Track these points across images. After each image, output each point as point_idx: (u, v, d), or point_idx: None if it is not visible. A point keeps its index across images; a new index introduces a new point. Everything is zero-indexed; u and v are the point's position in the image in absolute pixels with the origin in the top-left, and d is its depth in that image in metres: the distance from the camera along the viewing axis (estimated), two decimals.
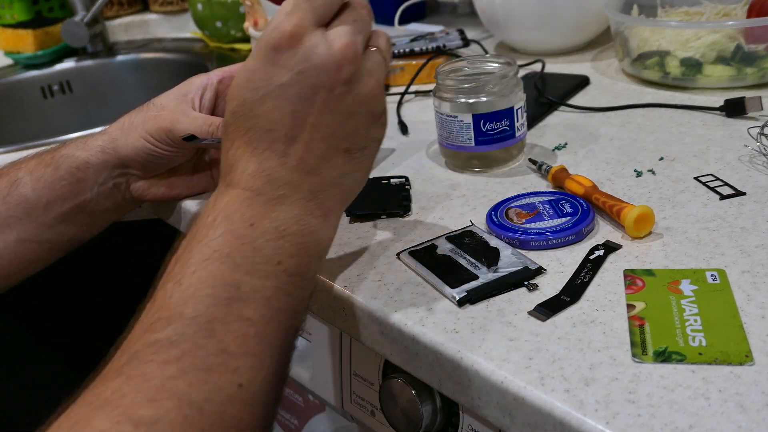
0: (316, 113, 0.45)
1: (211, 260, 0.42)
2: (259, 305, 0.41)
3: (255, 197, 0.44)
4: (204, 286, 0.41)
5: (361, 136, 0.47)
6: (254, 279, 0.42)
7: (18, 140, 0.99)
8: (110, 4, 1.46)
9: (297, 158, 0.45)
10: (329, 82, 0.45)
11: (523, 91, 0.67)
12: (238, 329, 0.40)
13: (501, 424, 0.44)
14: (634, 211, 0.53)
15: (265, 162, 0.45)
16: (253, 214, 0.44)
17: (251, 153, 0.45)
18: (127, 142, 0.62)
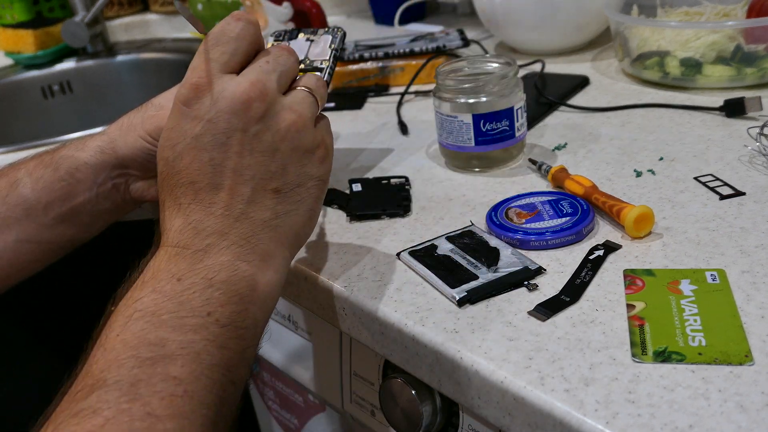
0: (234, 157, 0.44)
1: (133, 320, 0.40)
2: (187, 361, 0.39)
3: (181, 251, 0.43)
4: (126, 348, 0.39)
5: (291, 174, 0.46)
6: (180, 335, 0.39)
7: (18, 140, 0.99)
8: (110, 5, 1.46)
9: (223, 206, 0.44)
10: (241, 123, 0.44)
11: (523, 91, 0.67)
12: (164, 389, 0.37)
13: (501, 424, 0.44)
14: (634, 211, 0.53)
15: (191, 215, 0.44)
16: (180, 268, 0.42)
17: (177, 209, 0.45)
18: (125, 143, 0.62)
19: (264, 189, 0.45)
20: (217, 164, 0.44)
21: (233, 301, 0.42)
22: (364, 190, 0.66)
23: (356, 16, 1.38)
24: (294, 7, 1.00)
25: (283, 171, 0.46)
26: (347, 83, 0.95)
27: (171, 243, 0.44)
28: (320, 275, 0.55)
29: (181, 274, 0.42)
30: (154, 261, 0.43)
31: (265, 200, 0.45)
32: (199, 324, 0.40)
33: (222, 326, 0.41)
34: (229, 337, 0.41)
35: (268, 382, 0.86)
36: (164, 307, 0.40)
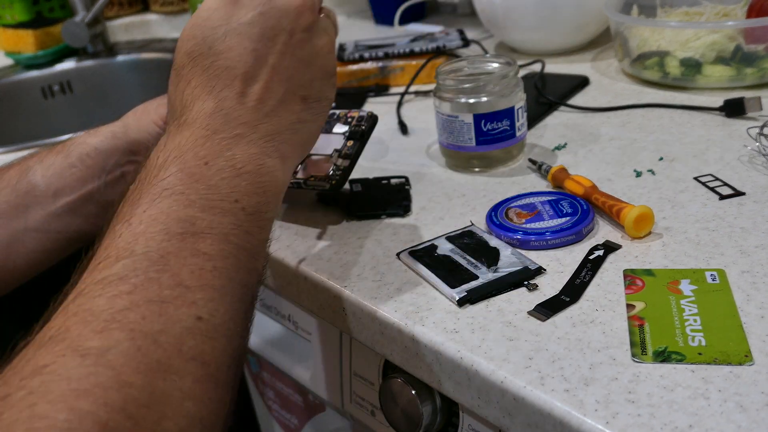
0: (276, 54, 0.45)
1: (162, 198, 0.40)
2: (216, 240, 0.39)
3: (211, 136, 0.43)
4: (155, 222, 0.38)
5: (316, 88, 0.48)
6: (210, 215, 0.40)
7: (18, 140, 0.99)
8: (110, 5, 1.46)
9: (256, 98, 0.45)
10: (290, 26, 0.46)
11: (523, 91, 0.67)
12: (194, 263, 0.38)
13: (501, 424, 0.44)
14: (634, 211, 0.53)
15: (223, 101, 0.44)
16: (208, 152, 0.42)
17: (209, 92, 0.45)
18: (138, 126, 0.63)
19: (294, 93, 0.47)
20: (259, 56, 0.45)
21: (258, 192, 0.43)
22: (364, 190, 0.66)
23: (356, 16, 1.38)
24: None
25: (311, 83, 0.48)
26: (347, 83, 0.95)
27: (200, 125, 0.44)
28: (320, 275, 0.55)
29: (209, 158, 0.42)
30: (179, 139, 0.43)
31: (294, 104, 0.47)
32: (227, 208, 0.41)
33: (248, 214, 0.42)
34: (253, 225, 0.42)
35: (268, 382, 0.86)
36: (192, 188, 0.41)
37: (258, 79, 0.45)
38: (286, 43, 0.46)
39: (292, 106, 0.47)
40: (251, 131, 0.44)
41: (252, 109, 0.45)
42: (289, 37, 0.46)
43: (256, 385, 0.91)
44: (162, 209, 0.39)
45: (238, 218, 0.41)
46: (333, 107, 0.59)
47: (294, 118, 0.47)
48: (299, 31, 0.46)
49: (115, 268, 0.36)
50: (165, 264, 0.37)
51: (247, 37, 0.45)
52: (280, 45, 0.46)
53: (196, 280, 0.37)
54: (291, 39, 0.46)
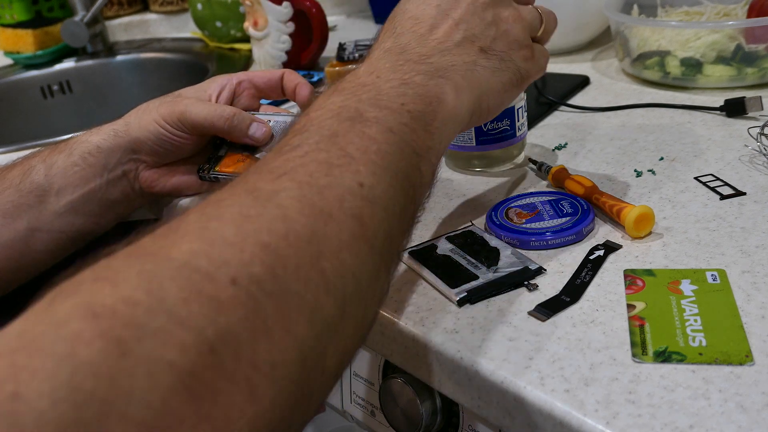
0: (460, 10, 0.50)
1: (334, 94, 0.44)
2: (382, 129, 0.42)
3: (383, 57, 0.47)
4: (328, 111, 0.42)
5: (498, 46, 0.51)
6: (377, 111, 0.43)
7: (18, 140, 0.98)
8: (110, 4, 1.46)
9: (434, 40, 0.49)
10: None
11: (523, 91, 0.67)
12: (360, 142, 0.40)
13: (501, 424, 0.44)
14: (634, 211, 0.53)
15: (401, 38, 0.49)
16: (379, 67, 0.46)
17: (391, 35, 0.50)
18: (140, 125, 0.63)
19: (472, 42, 0.50)
20: (443, 10, 0.50)
21: (424, 101, 0.45)
22: None
23: (356, 16, 1.38)
24: (294, 6, 1.00)
25: (492, 40, 0.51)
26: None
27: (375, 56, 0.48)
28: None
29: (380, 73, 0.46)
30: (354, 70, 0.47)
31: (471, 50, 0.50)
32: (394, 108, 0.43)
33: (413, 117, 0.44)
34: (418, 127, 0.44)
35: None
36: (363, 90, 0.44)
37: (439, 27, 0.49)
38: (471, 3, 0.50)
39: (469, 51, 0.49)
40: (423, 60, 0.48)
41: (428, 47, 0.48)
42: (474, 1, 0.50)
43: None
44: (334, 102, 0.43)
45: (403, 117, 0.43)
46: None
47: (469, 59, 0.49)
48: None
49: (291, 140, 0.40)
50: (335, 139, 0.40)
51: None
52: (465, 4, 0.50)
53: (361, 155, 0.40)
54: (475, 2, 0.50)
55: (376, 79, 0.45)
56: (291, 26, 1.01)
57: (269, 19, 1.00)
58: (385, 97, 0.44)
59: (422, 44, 0.48)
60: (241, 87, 0.68)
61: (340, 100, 0.43)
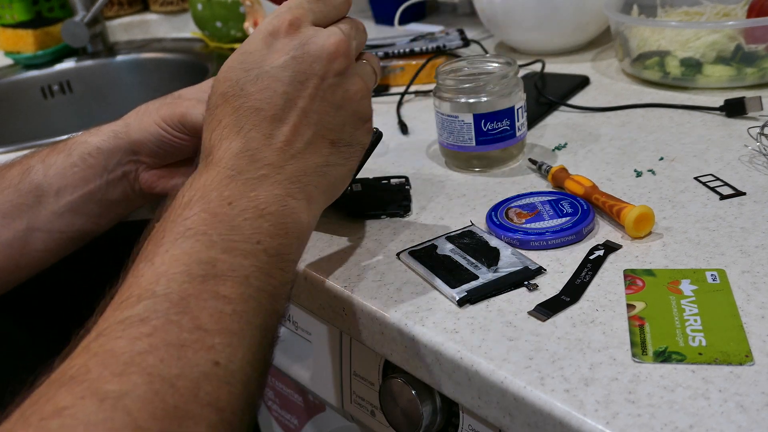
0: (306, 98, 0.46)
1: (185, 238, 0.40)
2: (237, 283, 0.39)
3: (235, 176, 0.44)
4: (177, 263, 0.39)
5: (347, 132, 0.48)
6: (231, 257, 0.40)
7: (18, 140, 0.99)
8: (110, 4, 1.46)
9: (283, 140, 0.45)
10: (322, 71, 0.46)
11: (523, 91, 0.67)
12: (213, 306, 0.38)
13: (501, 424, 0.44)
14: (634, 211, 0.53)
15: (250, 142, 0.45)
16: (232, 193, 0.43)
17: (237, 132, 0.45)
18: (140, 126, 0.63)
19: (323, 137, 0.47)
20: (289, 99, 0.46)
21: (281, 234, 0.43)
22: (364, 190, 0.66)
23: (356, 16, 1.37)
24: None
25: (341, 127, 0.48)
26: None
27: (225, 165, 0.44)
28: (320, 275, 0.55)
29: (232, 198, 0.43)
30: (204, 179, 0.44)
31: (322, 147, 0.47)
32: (248, 250, 0.41)
33: (269, 255, 0.42)
34: (275, 267, 0.42)
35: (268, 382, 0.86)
36: (215, 228, 0.41)
37: (286, 121, 0.46)
38: (317, 87, 0.46)
39: (320, 149, 0.47)
40: (276, 172, 0.45)
41: (278, 150, 0.45)
42: (320, 81, 0.47)
43: None
44: (184, 250, 0.40)
45: (259, 260, 0.41)
46: None
47: (321, 161, 0.47)
48: (331, 76, 0.47)
49: (136, 308, 0.37)
50: (185, 306, 0.37)
51: (278, 80, 0.46)
52: (311, 89, 0.46)
53: (215, 324, 0.37)
54: (322, 83, 0.47)
55: (228, 208, 0.42)
56: None
57: None
58: (240, 237, 0.41)
59: (271, 147, 0.45)
60: None
61: (190, 247, 0.40)
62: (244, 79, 0.46)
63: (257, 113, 0.45)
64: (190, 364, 0.35)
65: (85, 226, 0.65)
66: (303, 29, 0.47)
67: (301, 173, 0.46)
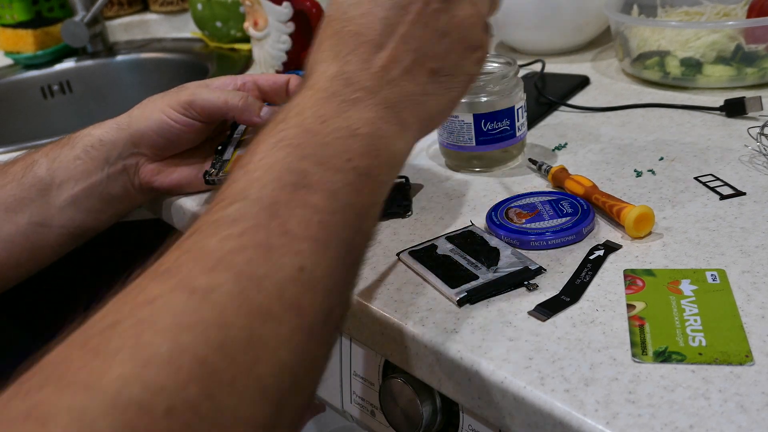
0: (407, 24, 0.45)
1: (279, 148, 0.41)
2: (325, 195, 0.40)
3: (329, 97, 0.44)
4: (270, 170, 0.40)
5: (451, 60, 0.47)
6: (322, 170, 0.40)
7: (18, 140, 0.99)
8: (110, 4, 1.46)
9: (380, 66, 0.45)
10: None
11: (523, 91, 0.67)
12: (302, 214, 0.38)
13: (501, 424, 0.44)
14: (634, 211, 0.53)
15: (346, 65, 0.45)
16: (326, 112, 0.43)
17: (334, 56, 0.45)
18: (143, 116, 0.64)
19: (422, 65, 0.46)
20: (389, 24, 0.45)
21: (372, 154, 0.43)
22: None
23: None
24: (294, 7, 1.00)
25: (444, 56, 0.46)
26: None
27: (320, 87, 0.44)
28: None
29: (327, 117, 0.43)
30: (300, 99, 0.44)
31: (420, 75, 0.46)
32: (339, 166, 0.41)
33: (359, 174, 0.42)
34: (364, 186, 0.42)
35: None
36: (308, 142, 0.41)
37: (385, 47, 0.45)
38: (420, 13, 0.45)
39: (419, 77, 0.46)
40: (370, 96, 0.44)
41: (374, 75, 0.45)
42: (424, 6, 0.45)
43: None
44: (278, 158, 0.40)
45: (348, 177, 0.41)
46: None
47: (418, 89, 0.46)
48: (435, 1, 0.46)
49: (229, 210, 0.38)
50: (275, 211, 0.38)
51: (378, 5, 0.45)
52: (413, 14, 0.45)
53: (302, 230, 0.38)
54: (426, 8, 0.45)
55: (322, 126, 0.43)
56: (291, 26, 1.01)
57: (269, 19, 1.00)
58: (332, 152, 0.41)
59: (368, 71, 0.45)
60: (245, 88, 0.68)
61: (284, 156, 0.41)
62: (347, 2, 0.46)
63: (356, 37, 0.45)
64: (277, 266, 0.36)
65: (85, 222, 0.65)
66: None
67: (395, 100, 0.45)
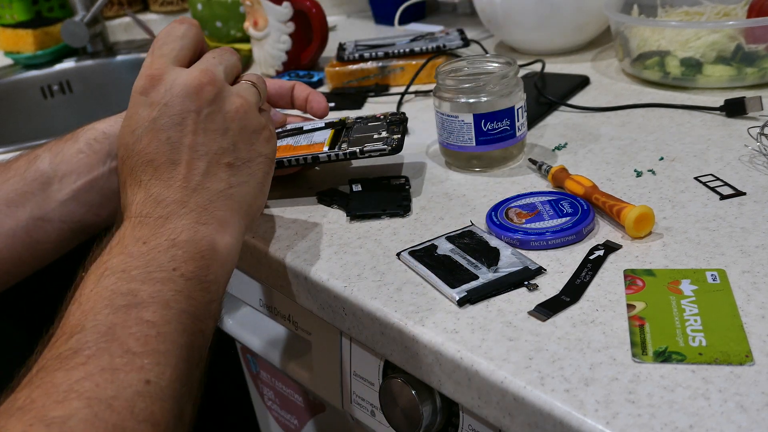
0: (190, 135, 0.49)
1: (105, 276, 0.43)
2: (158, 307, 0.42)
3: (144, 219, 0.47)
4: (101, 298, 0.42)
5: (242, 150, 0.51)
6: (150, 286, 0.43)
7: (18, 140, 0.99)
8: (110, 4, 1.46)
9: (181, 178, 0.48)
10: (194, 106, 0.49)
11: (523, 91, 0.67)
12: (139, 331, 0.41)
13: (501, 424, 0.44)
14: (634, 211, 0.53)
15: (151, 189, 0.48)
16: (144, 233, 0.46)
17: (138, 186, 0.48)
18: None
19: (218, 163, 0.50)
20: (174, 142, 0.49)
21: (196, 258, 0.46)
22: (364, 190, 0.66)
23: (356, 16, 1.38)
24: (294, 6, 1.00)
25: (234, 147, 0.51)
26: (347, 83, 0.95)
27: (134, 214, 0.47)
28: (320, 275, 0.55)
29: (146, 238, 0.46)
30: (119, 231, 0.47)
31: (220, 173, 0.50)
32: (166, 277, 0.44)
33: (187, 279, 0.44)
34: (194, 289, 0.45)
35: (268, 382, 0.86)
36: (132, 264, 0.44)
37: (179, 161, 0.49)
38: (196, 122, 0.49)
39: (219, 174, 0.50)
40: (181, 207, 0.47)
41: (179, 188, 0.48)
42: (197, 116, 0.49)
43: (255, 386, 0.91)
44: (106, 285, 0.43)
45: (178, 285, 0.44)
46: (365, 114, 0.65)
47: (222, 185, 0.50)
48: (205, 106, 0.50)
49: (70, 342, 0.40)
50: (113, 334, 0.40)
51: (158, 130, 0.49)
52: (191, 125, 0.49)
53: (142, 347, 0.40)
54: (199, 117, 0.49)
55: (143, 246, 0.45)
56: (291, 26, 1.01)
57: (269, 19, 1.00)
58: (157, 267, 0.44)
59: (172, 187, 0.48)
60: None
61: (112, 283, 0.43)
62: (131, 141, 0.50)
63: (150, 164, 0.48)
64: (123, 385, 0.38)
65: (85, 217, 0.65)
66: (165, 76, 0.50)
67: (206, 202, 0.48)
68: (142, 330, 0.41)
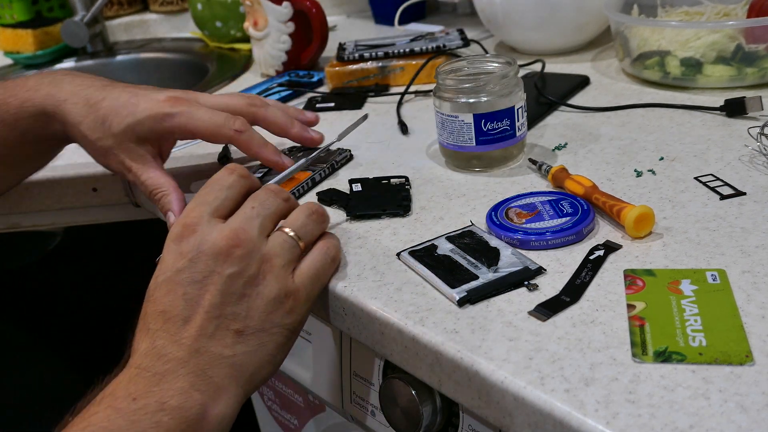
0: (207, 296, 0.48)
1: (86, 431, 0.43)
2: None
3: (141, 373, 0.46)
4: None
5: (255, 319, 0.48)
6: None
7: None
8: (110, 4, 1.46)
9: (188, 336, 0.47)
10: (218, 267, 0.48)
11: (523, 90, 0.67)
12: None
13: (501, 424, 0.44)
14: (634, 211, 0.53)
15: (157, 340, 0.47)
16: (136, 389, 0.45)
17: (145, 333, 0.48)
18: (138, 105, 0.67)
19: (227, 328, 0.48)
20: (189, 299, 0.48)
21: (181, 426, 0.44)
22: (364, 190, 0.66)
23: (356, 16, 1.38)
24: (294, 6, 1.00)
25: (246, 314, 0.48)
26: (347, 83, 0.95)
27: (134, 364, 0.47)
28: None
29: (137, 394, 0.44)
30: (117, 378, 0.46)
31: (226, 338, 0.48)
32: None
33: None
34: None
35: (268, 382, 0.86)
36: (116, 423, 0.43)
37: (191, 319, 0.47)
38: (216, 284, 0.48)
39: (225, 340, 0.47)
40: (181, 366, 0.46)
41: (183, 346, 0.47)
42: (219, 277, 0.48)
43: None
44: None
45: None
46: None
47: (227, 351, 0.47)
48: (228, 268, 0.48)
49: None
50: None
51: (177, 283, 0.48)
52: (210, 287, 0.48)
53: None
54: (220, 278, 0.48)
55: (132, 403, 0.44)
56: (291, 26, 1.01)
57: (269, 19, 1.00)
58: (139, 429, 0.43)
59: (176, 343, 0.47)
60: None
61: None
62: (152, 287, 0.49)
63: (162, 315, 0.47)
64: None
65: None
66: (200, 228, 0.49)
67: (206, 366, 0.47)
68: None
